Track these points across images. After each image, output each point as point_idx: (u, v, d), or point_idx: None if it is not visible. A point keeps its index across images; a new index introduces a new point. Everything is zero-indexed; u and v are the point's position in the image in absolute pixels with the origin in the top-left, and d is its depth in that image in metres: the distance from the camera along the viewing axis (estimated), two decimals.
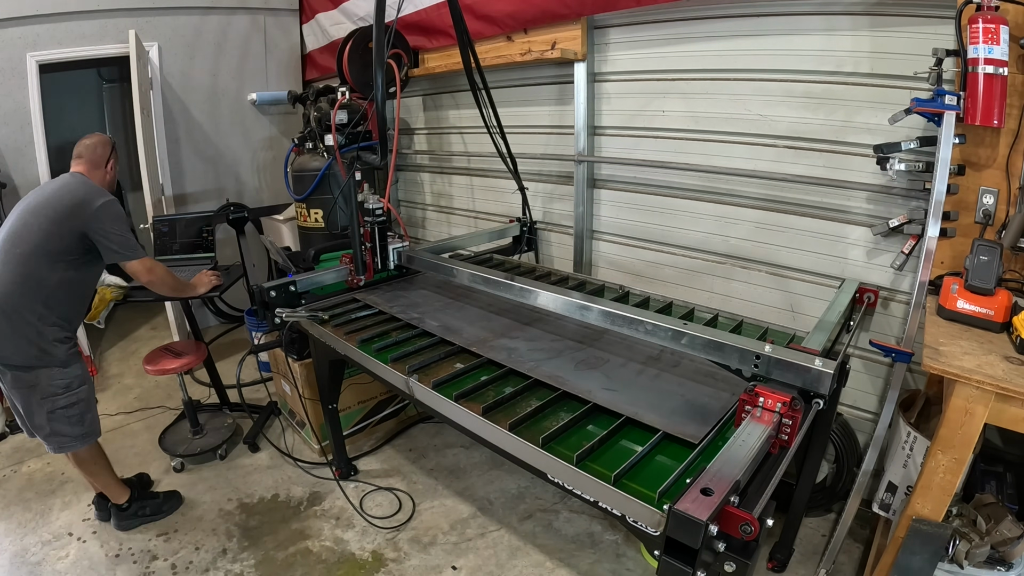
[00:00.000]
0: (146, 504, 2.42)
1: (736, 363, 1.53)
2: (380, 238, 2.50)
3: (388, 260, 2.57)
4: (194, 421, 2.93)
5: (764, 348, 1.47)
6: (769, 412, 1.35)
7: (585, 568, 2.17)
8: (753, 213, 2.44)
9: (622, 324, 1.74)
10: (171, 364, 2.68)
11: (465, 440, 2.92)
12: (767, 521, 1.13)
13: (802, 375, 1.40)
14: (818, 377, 1.38)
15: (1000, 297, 1.58)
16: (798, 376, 1.41)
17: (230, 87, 4.34)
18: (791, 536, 2.11)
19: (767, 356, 1.45)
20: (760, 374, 1.47)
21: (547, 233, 3.34)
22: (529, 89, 3.19)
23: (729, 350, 1.53)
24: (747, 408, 1.39)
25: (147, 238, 3.54)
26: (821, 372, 1.37)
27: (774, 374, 1.45)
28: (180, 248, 3.25)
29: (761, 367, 1.46)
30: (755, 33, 2.27)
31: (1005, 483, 1.78)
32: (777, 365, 1.44)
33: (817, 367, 1.38)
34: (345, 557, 2.24)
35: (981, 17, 1.60)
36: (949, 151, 1.72)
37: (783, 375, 1.43)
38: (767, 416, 1.35)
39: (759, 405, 1.37)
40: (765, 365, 1.46)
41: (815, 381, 1.39)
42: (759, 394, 1.37)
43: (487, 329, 2.11)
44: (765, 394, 1.36)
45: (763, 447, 1.27)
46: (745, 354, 1.49)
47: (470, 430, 1.63)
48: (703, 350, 1.59)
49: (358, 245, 2.44)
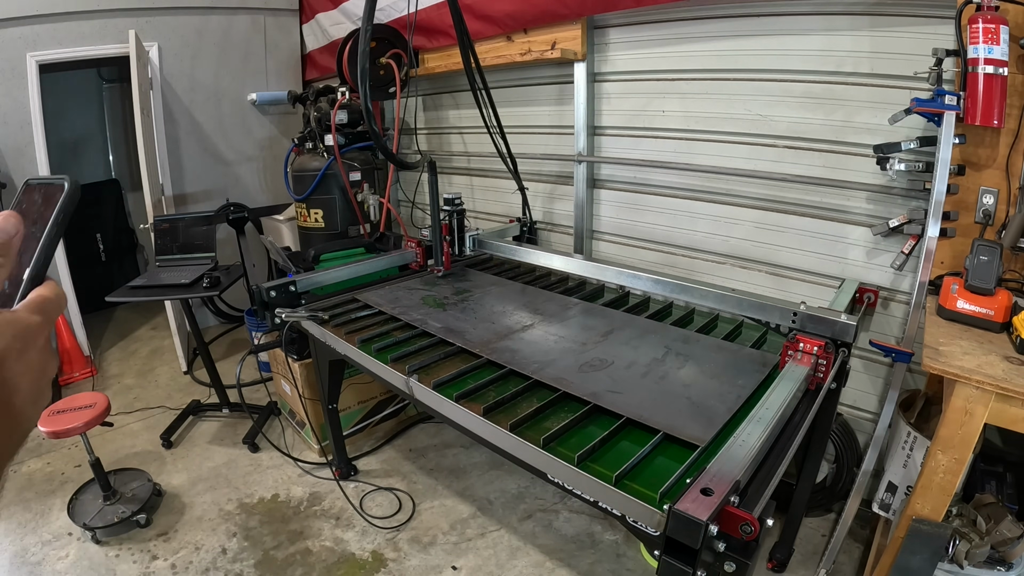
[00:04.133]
0: None
1: (777, 319, 1.90)
2: (459, 228, 2.72)
3: (464, 247, 2.79)
4: (105, 485, 2.45)
5: (800, 306, 1.80)
6: (808, 355, 1.66)
7: (585, 568, 2.17)
8: (753, 213, 2.44)
9: (676, 291, 2.13)
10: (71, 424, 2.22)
11: (465, 440, 2.92)
12: (767, 521, 1.12)
13: (831, 327, 1.71)
14: (844, 328, 1.69)
15: (1000, 297, 1.58)
16: (828, 328, 1.72)
17: (230, 87, 4.34)
18: (791, 536, 2.11)
19: (803, 313, 1.78)
20: (796, 327, 1.79)
21: (547, 233, 3.34)
22: (529, 89, 3.19)
23: (770, 308, 1.90)
24: (790, 353, 1.69)
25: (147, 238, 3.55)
26: (847, 324, 1.69)
27: (808, 327, 1.76)
28: (180, 248, 3.26)
29: (798, 321, 1.80)
30: (755, 33, 2.27)
31: (1005, 483, 1.78)
32: (810, 320, 1.76)
33: (843, 320, 1.70)
34: (345, 557, 2.24)
35: (981, 17, 1.60)
36: (949, 151, 1.72)
37: (816, 328, 1.74)
38: (806, 359, 1.65)
39: (800, 350, 1.67)
40: (801, 320, 1.79)
41: (842, 331, 1.69)
42: (799, 340, 1.67)
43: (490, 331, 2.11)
44: (804, 340, 1.67)
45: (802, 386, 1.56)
46: (784, 312, 1.85)
47: (470, 430, 1.62)
48: (750, 309, 1.96)
49: (439, 237, 2.56)
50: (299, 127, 3.94)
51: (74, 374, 3.78)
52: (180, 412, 3.20)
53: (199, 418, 3.27)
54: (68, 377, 3.76)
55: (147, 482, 2.58)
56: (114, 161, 5.56)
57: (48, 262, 0.48)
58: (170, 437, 3.01)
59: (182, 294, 2.92)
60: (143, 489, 2.54)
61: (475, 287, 2.53)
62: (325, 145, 3.41)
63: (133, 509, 2.41)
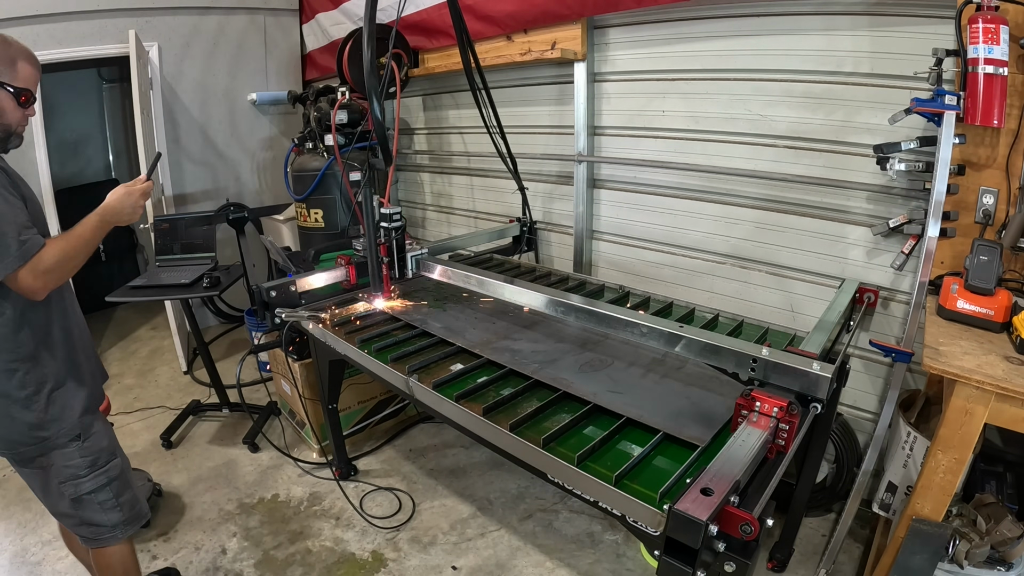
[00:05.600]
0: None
1: (733, 367, 1.52)
2: (398, 248, 2.28)
3: (407, 270, 2.33)
4: None
5: (761, 351, 1.45)
6: (766, 417, 1.33)
7: (585, 568, 2.17)
8: (753, 213, 2.44)
9: (618, 327, 1.74)
10: None
11: (465, 440, 2.92)
12: (767, 521, 1.12)
13: (800, 379, 1.39)
14: (816, 381, 1.37)
15: (1000, 297, 1.58)
16: (796, 380, 1.39)
17: (230, 87, 4.34)
18: (791, 536, 2.11)
19: (764, 359, 1.44)
20: (757, 378, 1.46)
21: (547, 233, 3.34)
22: (529, 89, 3.18)
23: (726, 354, 1.52)
24: (743, 412, 1.37)
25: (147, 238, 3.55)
26: (819, 376, 1.36)
27: (772, 378, 1.43)
28: (180, 248, 3.26)
29: (758, 371, 1.45)
30: (755, 33, 2.27)
31: (1005, 483, 1.78)
32: (775, 369, 1.43)
33: (815, 371, 1.37)
34: (345, 557, 2.24)
35: (981, 17, 1.60)
36: (949, 151, 1.72)
37: (780, 379, 1.42)
38: (764, 421, 1.33)
39: (755, 410, 1.35)
40: (762, 369, 1.45)
41: (812, 385, 1.37)
42: (755, 398, 1.35)
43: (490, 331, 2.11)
44: (762, 398, 1.34)
45: (760, 452, 1.25)
46: (742, 358, 1.48)
47: (471, 430, 1.62)
48: (700, 354, 1.58)
49: (375, 260, 2.21)
50: (299, 127, 3.94)
51: None
52: (180, 412, 3.20)
53: (199, 418, 3.27)
54: None
55: (147, 482, 2.58)
56: (114, 161, 5.56)
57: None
58: (170, 437, 3.01)
59: (182, 294, 2.92)
60: (143, 489, 2.53)
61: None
62: (325, 145, 3.41)
63: None
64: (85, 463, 1.56)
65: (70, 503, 1.57)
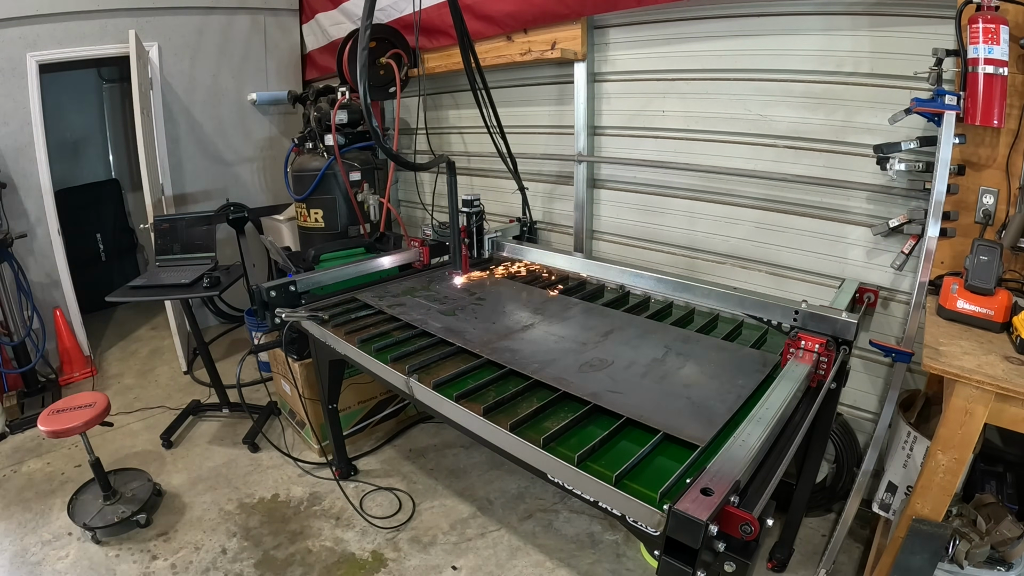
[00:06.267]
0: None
1: (779, 317, 1.91)
2: (478, 231, 2.66)
3: (484, 249, 2.73)
4: (105, 485, 2.44)
5: (801, 304, 1.82)
6: (809, 352, 1.66)
7: (585, 568, 2.17)
8: (753, 213, 2.44)
9: (679, 290, 2.16)
10: (71, 423, 2.23)
11: (465, 440, 2.92)
12: (767, 521, 1.13)
13: (832, 324, 1.73)
14: (845, 326, 1.71)
15: (1000, 297, 1.58)
16: (829, 326, 1.74)
17: (230, 87, 4.34)
18: (791, 536, 2.11)
19: (804, 311, 1.81)
20: (798, 326, 1.81)
21: (547, 233, 3.34)
22: (529, 89, 3.19)
23: (772, 307, 1.92)
24: (791, 351, 1.69)
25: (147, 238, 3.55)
26: (847, 322, 1.70)
27: (809, 325, 1.78)
28: (180, 248, 3.26)
29: (799, 320, 1.82)
30: (755, 33, 2.27)
31: (1005, 483, 1.78)
32: (812, 318, 1.79)
33: (844, 318, 1.72)
34: (345, 557, 2.24)
35: (981, 17, 1.60)
36: (949, 151, 1.72)
37: (817, 326, 1.76)
38: (807, 356, 1.66)
39: (801, 347, 1.67)
40: (803, 318, 1.81)
41: (843, 329, 1.71)
42: (801, 338, 1.68)
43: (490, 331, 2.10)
44: (805, 338, 1.68)
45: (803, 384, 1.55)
46: (786, 310, 1.87)
47: (470, 430, 1.62)
48: (751, 308, 1.98)
49: (457, 239, 2.57)
50: (299, 127, 3.94)
51: (74, 374, 3.78)
52: (180, 412, 3.20)
53: (199, 418, 3.27)
54: (68, 377, 3.76)
55: (147, 482, 2.58)
56: (114, 161, 5.55)
57: None
58: (170, 437, 3.02)
59: (182, 294, 2.92)
60: (143, 489, 2.54)
61: (476, 287, 2.53)
62: (325, 145, 3.41)
63: (133, 509, 2.40)
64: None
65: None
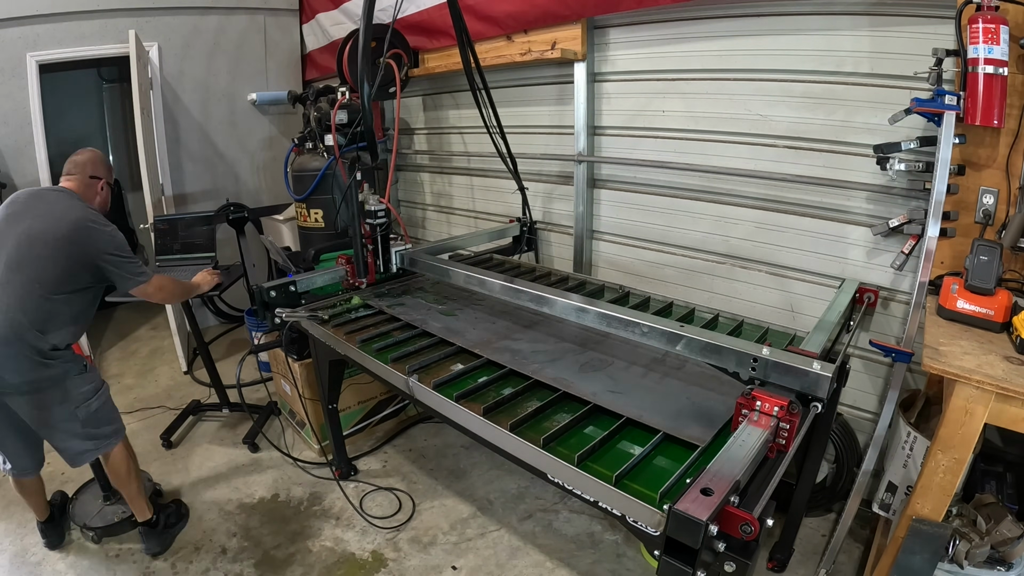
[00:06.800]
0: (168, 513, 2.37)
1: (734, 366, 1.52)
2: (383, 241, 2.48)
3: (391, 263, 2.54)
4: (105, 485, 2.42)
5: (762, 351, 1.45)
6: (767, 416, 1.33)
7: (585, 568, 2.17)
8: (753, 213, 2.44)
9: (619, 327, 1.73)
10: None
11: (465, 440, 2.92)
12: (767, 521, 1.13)
13: (800, 378, 1.39)
14: (816, 381, 1.36)
15: (1000, 297, 1.58)
16: (796, 379, 1.39)
17: (230, 87, 4.34)
18: (791, 536, 2.11)
19: (764, 359, 1.44)
20: (758, 377, 1.46)
21: (547, 233, 3.34)
22: (529, 89, 3.19)
23: (727, 353, 1.51)
24: (744, 412, 1.37)
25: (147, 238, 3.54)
26: (819, 376, 1.36)
27: (772, 377, 1.43)
28: (180, 248, 3.26)
29: (759, 370, 1.45)
30: (755, 33, 2.27)
31: (1005, 483, 1.78)
32: (775, 368, 1.43)
33: (815, 370, 1.36)
34: (345, 557, 2.24)
35: (981, 17, 1.60)
36: (949, 151, 1.72)
37: (781, 378, 1.42)
38: (764, 420, 1.33)
39: (756, 409, 1.35)
40: (763, 368, 1.44)
41: (813, 385, 1.37)
42: (756, 397, 1.35)
43: (490, 331, 2.11)
44: (762, 397, 1.34)
45: (761, 451, 1.25)
46: (742, 357, 1.48)
47: (470, 430, 1.63)
48: (700, 353, 1.58)
49: (360, 247, 2.42)
50: (299, 127, 3.93)
51: None
52: (180, 412, 3.20)
53: (199, 418, 3.27)
54: None
55: (147, 482, 2.57)
56: (114, 161, 5.55)
57: None
58: (170, 437, 3.01)
59: None
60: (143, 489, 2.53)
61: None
62: (325, 145, 3.40)
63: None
64: (92, 388, 2.06)
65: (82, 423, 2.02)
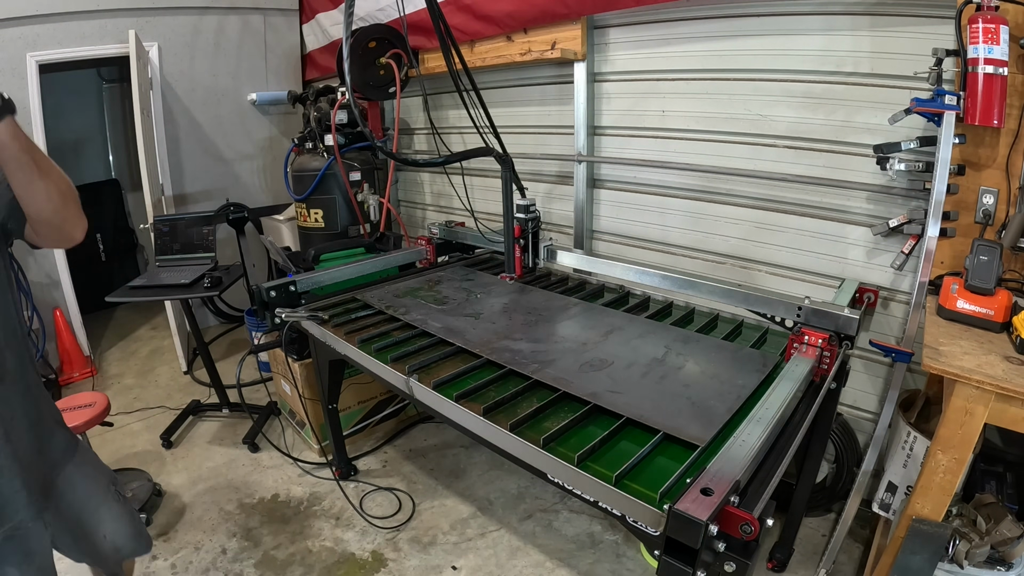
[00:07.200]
0: None
1: (782, 313, 1.95)
2: (533, 237, 2.58)
3: (539, 257, 2.64)
4: None
5: (804, 301, 1.86)
6: (812, 347, 1.70)
7: (585, 568, 2.17)
8: (753, 213, 2.44)
9: (684, 287, 2.18)
10: (71, 423, 1.91)
11: (465, 440, 2.92)
12: (767, 521, 1.12)
13: (834, 320, 1.78)
14: (847, 322, 1.76)
15: (1000, 297, 1.58)
16: (831, 321, 1.79)
17: (230, 87, 4.34)
18: (791, 536, 2.11)
19: (807, 307, 1.85)
20: (801, 321, 1.85)
21: (546, 233, 3.33)
22: (529, 89, 3.18)
23: (776, 303, 1.95)
24: (795, 346, 1.73)
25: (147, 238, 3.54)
26: (849, 317, 1.76)
27: (812, 321, 1.82)
28: (180, 248, 3.26)
29: (803, 315, 1.86)
30: (755, 33, 2.27)
31: (1005, 483, 1.78)
32: (815, 314, 1.83)
33: (846, 314, 1.77)
34: (345, 557, 2.24)
35: (981, 17, 1.60)
36: (949, 151, 1.72)
37: (820, 322, 1.81)
38: (811, 351, 1.70)
39: (805, 342, 1.71)
40: (805, 314, 1.85)
41: (845, 324, 1.76)
42: (805, 333, 1.72)
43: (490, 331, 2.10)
44: (809, 332, 1.71)
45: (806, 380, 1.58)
46: (790, 306, 1.91)
47: (470, 430, 1.62)
48: (755, 304, 2.01)
49: (511, 242, 2.52)
50: (299, 127, 3.94)
51: (74, 374, 3.78)
52: (180, 412, 3.20)
53: (199, 418, 3.27)
54: (68, 377, 3.76)
55: (147, 482, 2.58)
56: (114, 161, 5.56)
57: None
58: (170, 437, 3.02)
59: (182, 294, 2.92)
60: (143, 489, 2.53)
61: (476, 287, 2.53)
62: (325, 145, 3.41)
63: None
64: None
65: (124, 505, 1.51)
